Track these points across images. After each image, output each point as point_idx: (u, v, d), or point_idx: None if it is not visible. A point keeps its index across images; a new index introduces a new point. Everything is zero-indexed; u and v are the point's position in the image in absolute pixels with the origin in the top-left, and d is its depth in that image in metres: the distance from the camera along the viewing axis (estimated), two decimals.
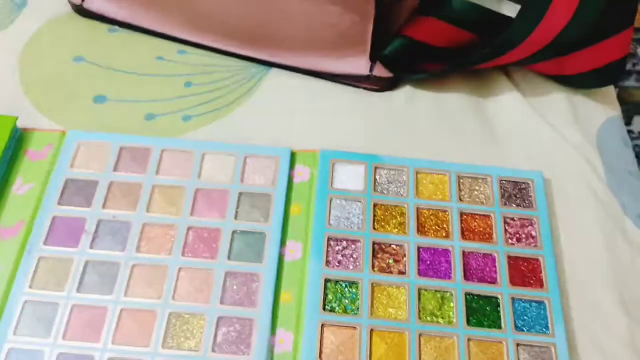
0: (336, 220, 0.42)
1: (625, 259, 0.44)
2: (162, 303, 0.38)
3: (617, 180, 0.48)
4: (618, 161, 0.49)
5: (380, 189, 0.44)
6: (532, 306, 0.40)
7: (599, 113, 0.52)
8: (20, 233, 0.40)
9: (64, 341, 0.36)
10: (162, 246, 0.40)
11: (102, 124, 0.47)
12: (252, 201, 0.43)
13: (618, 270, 0.43)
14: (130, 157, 0.44)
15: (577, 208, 0.45)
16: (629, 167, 0.49)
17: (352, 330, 0.38)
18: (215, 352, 0.37)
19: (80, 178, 0.43)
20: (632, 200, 0.47)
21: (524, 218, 0.43)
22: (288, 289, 0.39)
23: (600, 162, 0.48)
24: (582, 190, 0.46)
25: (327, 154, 0.45)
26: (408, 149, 0.47)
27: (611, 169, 0.48)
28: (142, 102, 0.48)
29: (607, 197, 0.46)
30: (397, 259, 0.41)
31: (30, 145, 0.44)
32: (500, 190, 0.44)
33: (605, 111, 0.53)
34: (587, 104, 0.53)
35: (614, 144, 0.51)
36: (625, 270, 0.43)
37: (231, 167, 0.44)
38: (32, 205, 0.41)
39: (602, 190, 0.47)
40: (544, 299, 0.40)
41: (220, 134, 0.47)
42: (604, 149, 0.50)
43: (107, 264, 0.39)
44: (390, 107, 0.50)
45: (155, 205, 0.42)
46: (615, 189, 0.47)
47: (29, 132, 0.45)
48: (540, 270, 0.41)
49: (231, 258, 0.40)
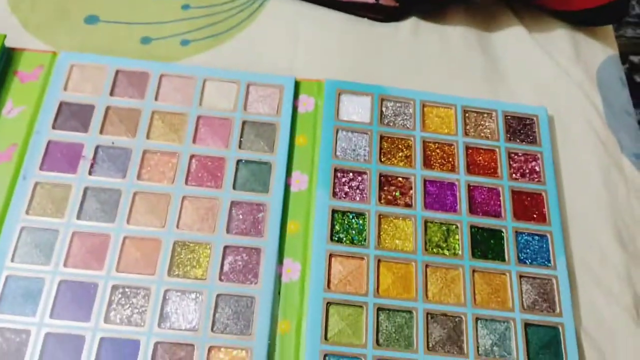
0: (342, 152, 0.41)
1: (622, 195, 0.44)
2: (166, 231, 0.37)
3: (615, 118, 0.48)
4: (616, 100, 0.50)
5: (387, 121, 0.43)
6: (534, 239, 0.40)
7: (599, 51, 0.52)
8: (13, 158, 0.38)
9: (66, 268, 0.35)
10: (164, 174, 0.39)
11: (94, 45, 0.44)
12: (256, 130, 0.41)
13: (615, 206, 0.44)
14: (127, 81, 0.42)
15: (578, 144, 0.46)
16: (625, 107, 0.50)
17: (360, 261, 0.38)
18: (222, 280, 0.36)
19: (74, 101, 0.40)
20: (629, 139, 0.47)
21: (528, 153, 0.43)
22: (294, 219, 0.39)
23: (600, 100, 0.49)
24: (583, 127, 0.47)
25: (332, 83, 0.43)
26: (413, 82, 0.46)
27: (610, 108, 0.48)
28: (137, 24, 0.45)
29: (606, 135, 0.47)
30: (404, 191, 0.41)
31: (20, 66, 0.41)
32: (505, 125, 0.44)
33: (605, 50, 0.52)
34: (588, 42, 0.52)
35: (612, 82, 0.51)
36: (621, 207, 0.44)
37: (233, 95, 0.42)
38: (23, 129, 0.39)
39: (602, 128, 0.47)
40: (546, 232, 0.40)
41: (220, 61, 0.45)
42: (603, 88, 0.50)
43: (108, 191, 0.38)
44: (395, 40, 0.48)
45: (156, 131, 0.40)
46: (614, 127, 0.47)
47: (17, 52, 0.42)
48: (543, 205, 0.41)
49: (236, 187, 0.39)
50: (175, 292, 0.35)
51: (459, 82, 0.47)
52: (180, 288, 0.35)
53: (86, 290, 0.35)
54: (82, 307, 0.34)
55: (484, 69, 0.48)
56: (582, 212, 0.43)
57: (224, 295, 0.36)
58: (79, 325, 0.34)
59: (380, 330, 0.36)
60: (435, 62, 0.48)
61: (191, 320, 0.35)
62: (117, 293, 0.35)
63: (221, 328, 0.35)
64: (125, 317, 0.34)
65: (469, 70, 0.48)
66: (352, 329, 0.36)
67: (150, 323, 0.34)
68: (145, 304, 0.35)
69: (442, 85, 0.46)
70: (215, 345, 0.34)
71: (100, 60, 0.42)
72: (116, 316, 0.34)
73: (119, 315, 0.34)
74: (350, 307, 0.36)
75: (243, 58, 0.45)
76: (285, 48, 0.46)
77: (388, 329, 0.36)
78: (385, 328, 0.36)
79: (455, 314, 0.37)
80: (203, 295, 0.35)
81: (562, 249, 0.40)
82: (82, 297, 0.35)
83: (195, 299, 0.35)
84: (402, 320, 0.36)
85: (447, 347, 0.36)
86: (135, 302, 0.35)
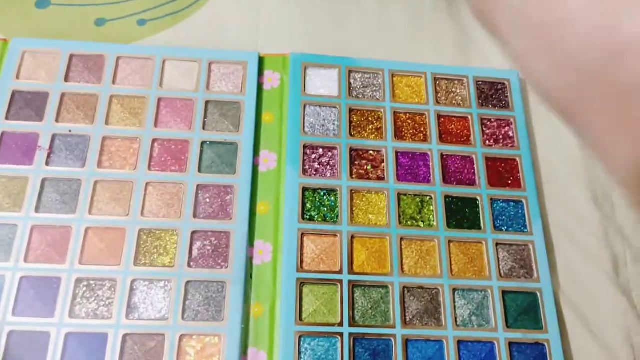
0: (311, 128, 0.40)
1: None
2: (131, 220, 0.36)
3: None
4: None
5: (355, 93, 0.42)
6: (510, 206, 0.40)
7: None
8: None
9: (26, 264, 0.34)
10: (125, 160, 0.38)
11: (47, 31, 0.42)
12: (221, 110, 0.40)
13: (588, 166, 0.43)
14: (82, 66, 0.40)
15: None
16: None
17: (333, 238, 0.37)
18: (191, 267, 0.35)
19: (27, 89, 0.39)
20: None
21: (501, 119, 0.42)
22: (264, 200, 0.38)
23: None
24: None
25: (297, 57, 0.42)
26: (381, 52, 0.44)
27: None
28: (90, 5, 0.43)
29: None
30: (375, 165, 0.40)
31: None
32: (476, 91, 0.43)
33: None
34: None
35: None
36: (595, 167, 0.43)
37: (194, 74, 0.41)
38: None
39: None
40: (522, 198, 0.40)
41: (180, 40, 0.43)
42: None
43: (67, 181, 0.36)
44: (361, 9, 0.47)
45: (115, 116, 0.39)
46: None
47: None
48: (517, 170, 0.41)
49: (202, 170, 0.38)
50: (143, 282, 0.34)
51: (429, 50, 0.46)
52: (147, 277, 0.34)
53: (49, 285, 0.34)
54: (46, 303, 0.33)
55: (454, 35, 0.47)
56: (556, 174, 0.42)
57: (194, 282, 0.35)
58: (44, 321, 0.33)
59: (356, 307, 0.35)
60: (404, 31, 0.47)
61: (160, 309, 0.34)
62: (82, 286, 0.34)
63: (192, 315, 0.34)
64: (91, 310, 0.33)
65: (439, 38, 0.47)
66: (328, 308, 0.35)
67: (118, 315, 0.33)
68: (111, 296, 0.34)
69: (412, 54, 0.45)
70: (187, 334, 0.33)
71: (53, 45, 0.40)
72: (82, 310, 0.33)
73: (85, 309, 0.33)
74: (324, 286, 0.36)
75: (204, 36, 0.43)
76: (247, 23, 0.44)
77: (364, 306, 0.35)
78: (361, 305, 0.35)
79: (432, 286, 0.36)
80: (172, 283, 0.34)
81: (538, 213, 0.39)
82: (45, 293, 0.33)
83: (164, 287, 0.34)
84: (378, 296, 0.36)
85: (425, 320, 0.35)
86: (101, 295, 0.34)
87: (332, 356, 0.34)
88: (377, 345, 0.34)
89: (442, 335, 0.35)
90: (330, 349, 0.34)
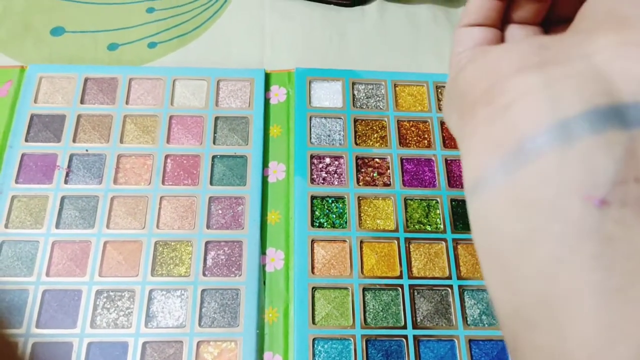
0: (317, 139, 0.42)
1: None
2: (147, 232, 0.37)
3: None
4: None
5: (359, 104, 0.43)
6: None
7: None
8: None
9: (48, 278, 0.35)
10: (140, 176, 0.39)
11: (62, 56, 0.44)
12: (230, 125, 0.41)
13: None
14: (96, 88, 0.42)
15: None
16: None
17: (342, 244, 0.38)
18: (206, 276, 0.36)
19: (45, 113, 0.41)
20: None
21: None
22: (274, 209, 0.39)
23: None
24: None
25: (302, 72, 0.44)
26: (384, 64, 0.46)
27: None
28: (102, 31, 0.46)
29: None
30: (381, 172, 0.41)
31: None
32: None
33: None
34: None
35: None
36: None
37: (204, 92, 0.42)
38: None
39: None
40: None
41: (189, 60, 0.45)
42: None
43: (85, 198, 0.38)
44: (363, 23, 0.48)
45: (129, 135, 0.40)
46: None
47: None
48: None
49: (213, 183, 0.39)
50: (160, 291, 0.36)
51: (430, 59, 0.47)
52: (164, 287, 0.36)
53: (70, 298, 0.35)
54: (68, 315, 0.34)
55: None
56: None
57: (209, 290, 0.36)
58: (66, 332, 0.34)
59: (367, 310, 0.36)
60: (405, 40, 0.48)
61: (178, 317, 0.35)
62: (102, 297, 0.35)
63: (208, 322, 0.35)
64: (111, 320, 0.34)
65: (438, 47, 0.48)
66: (339, 311, 0.36)
67: (137, 324, 0.34)
68: (130, 306, 0.35)
69: (414, 63, 0.46)
70: (204, 340, 0.34)
71: (68, 69, 0.42)
72: (102, 320, 0.34)
73: (105, 319, 0.34)
74: (335, 290, 0.36)
75: (212, 55, 0.45)
76: (252, 42, 0.46)
77: (375, 308, 0.36)
78: (372, 307, 0.36)
79: (442, 287, 0.37)
80: (188, 292, 0.35)
81: None
82: (67, 305, 0.35)
83: (181, 296, 0.35)
84: (388, 298, 0.36)
85: (436, 320, 0.36)
86: (120, 305, 0.35)
87: (345, 358, 0.34)
88: (389, 346, 0.35)
89: (454, 334, 0.36)
90: (344, 350, 0.35)
